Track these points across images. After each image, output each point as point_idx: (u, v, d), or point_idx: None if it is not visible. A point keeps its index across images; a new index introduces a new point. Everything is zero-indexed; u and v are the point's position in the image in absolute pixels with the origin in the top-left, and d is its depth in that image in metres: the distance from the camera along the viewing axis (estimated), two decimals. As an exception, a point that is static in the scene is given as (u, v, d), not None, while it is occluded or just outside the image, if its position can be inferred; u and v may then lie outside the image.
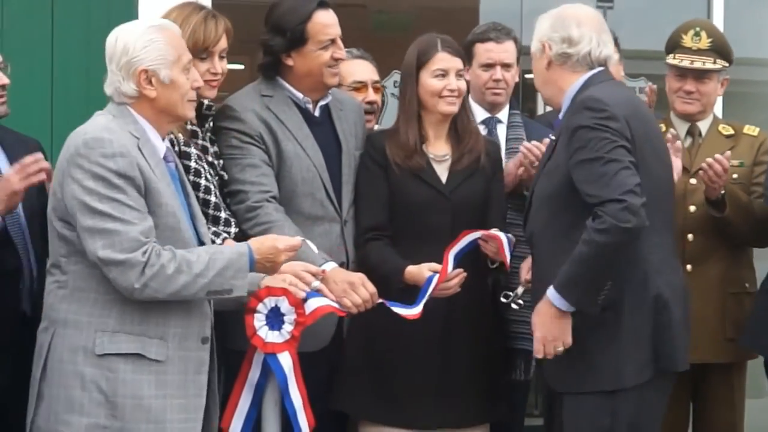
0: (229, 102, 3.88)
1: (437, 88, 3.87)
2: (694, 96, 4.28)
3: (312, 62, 3.83)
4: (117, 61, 3.21)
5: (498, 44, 4.30)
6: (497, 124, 4.37)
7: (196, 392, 3.24)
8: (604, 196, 3.26)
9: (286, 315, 3.50)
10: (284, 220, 3.70)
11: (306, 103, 3.90)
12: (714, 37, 4.29)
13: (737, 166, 4.24)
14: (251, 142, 3.77)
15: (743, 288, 4.27)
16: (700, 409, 4.32)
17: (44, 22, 4.86)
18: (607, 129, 3.35)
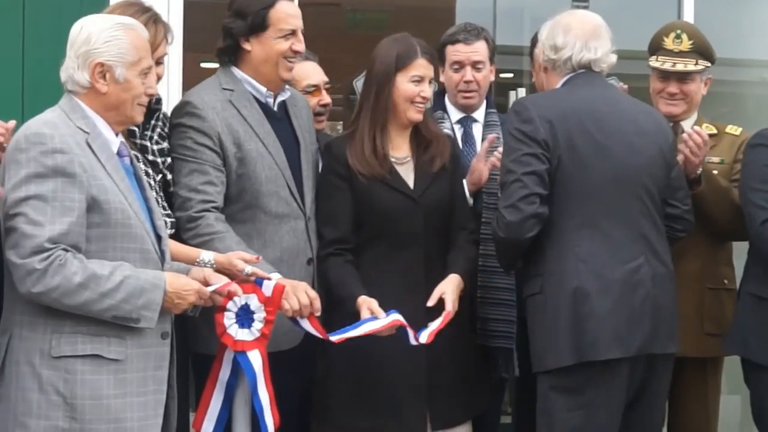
0: (189, 98, 3.75)
1: (413, 93, 3.78)
2: (677, 97, 4.26)
3: (270, 50, 3.73)
4: (77, 48, 3.14)
5: (466, 45, 4.25)
6: (473, 124, 4.30)
7: (156, 388, 3.15)
8: (499, 204, 3.60)
9: (256, 313, 3.44)
10: (226, 231, 3.61)
11: (267, 98, 3.80)
12: (695, 39, 4.26)
13: (717, 163, 4.20)
14: (206, 144, 3.65)
15: (722, 284, 4.23)
16: (674, 403, 4.25)
17: (15, 16, 4.79)
18: (520, 135, 3.57)
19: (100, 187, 3.06)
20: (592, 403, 3.55)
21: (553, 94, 3.72)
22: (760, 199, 3.91)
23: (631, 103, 3.80)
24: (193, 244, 3.57)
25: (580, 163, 3.57)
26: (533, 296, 3.64)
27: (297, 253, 3.74)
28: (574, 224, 3.56)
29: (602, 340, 3.54)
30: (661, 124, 3.79)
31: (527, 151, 3.55)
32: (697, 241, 4.12)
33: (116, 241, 3.08)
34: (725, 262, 4.28)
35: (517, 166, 3.55)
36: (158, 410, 3.16)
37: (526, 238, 3.54)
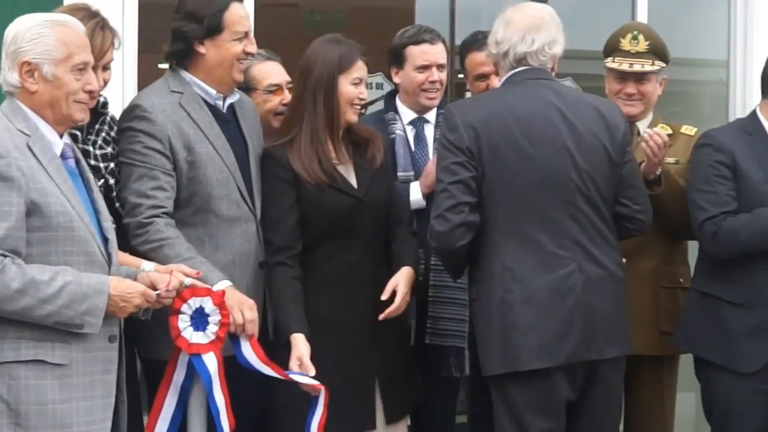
0: (137, 101, 3.70)
1: (353, 95, 3.76)
2: (635, 98, 4.27)
3: (225, 52, 3.70)
4: (6, 48, 3.12)
5: (433, 45, 4.24)
6: (425, 124, 4.29)
7: (105, 392, 3.11)
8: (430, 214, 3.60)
9: (211, 316, 3.41)
10: (176, 237, 3.56)
11: (216, 100, 3.76)
12: (651, 40, 4.28)
13: (673, 164, 4.21)
14: (156, 147, 3.60)
15: (678, 283, 4.24)
16: (631, 400, 4.27)
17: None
18: (446, 142, 3.58)
19: (40, 190, 3.01)
20: (528, 411, 3.55)
21: (480, 98, 3.74)
22: (701, 199, 3.96)
23: (572, 102, 3.70)
24: (143, 250, 3.52)
25: (505, 170, 3.54)
26: (473, 302, 3.69)
27: (249, 256, 3.71)
28: (500, 232, 3.55)
29: (526, 351, 3.52)
30: (607, 122, 3.69)
31: (453, 159, 3.55)
32: (653, 240, 4.14)
33: (59, 244, 3.04)
34: (681, 261, 4.31)
35: (445, 175, 3.56)
36: (107, 414, 3.12)
37: (457, 246, 3.55)
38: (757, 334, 3.89)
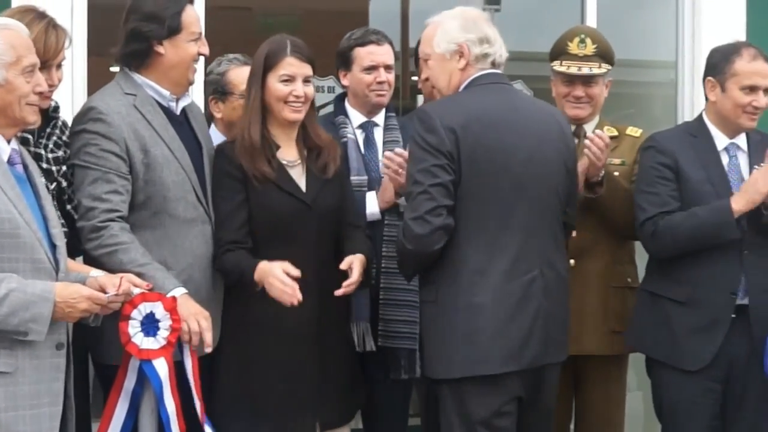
0: (92, 103, 3.67)
1: (283, 93, 3.73)
2: (583, 100, 4.30)
3: (183, 53, 3.70)
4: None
5: (379, 47, 4.25)
6: (374, 128, 4.29)
7: (51, 400, 3.09)
8: (405, 215, 3.54)
9: (162, 321, 3.39)
10: (130, 242, 3.54)
11: (170, 102, 3.74)
12: (598, 43, 4.31)
13: (619, 165, 4.25)
14: (112, 150, 3.57)
15: (625, 283, 4.28)
16: (581, 401, 4.31)
17: None
18: (425, 144, 3.51)
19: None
20: (483, 414, 3.53)
21: (456, 100, 3.64)
22: (643, 200, 4.03)
23: (533, 108, 3.74)
24: (96, 254, 3.50)
25: (480, 175, 3.51)
26: (427, 303, 3.62)
27: (207, 258, 3.70)
28: (469, 236, 3.51)
29: (494, 355, 3.51)
30: (563, 129, 3.73)
31: (434, 162, 3.49)
32: (600, 241, 4.19)
33: (4, 251, 3.01)
34: (628, 261, 4.34)
35: (425, 177, 3.49)
36: (54, 423, 3.10)
37: (434, 249, 3.49)
38: (701, 332, 3.96)
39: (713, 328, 3.94)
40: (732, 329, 3.94)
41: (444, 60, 3.66)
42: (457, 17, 3.69)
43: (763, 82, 3.99)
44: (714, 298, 3.94)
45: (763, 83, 3.99)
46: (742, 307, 3.96)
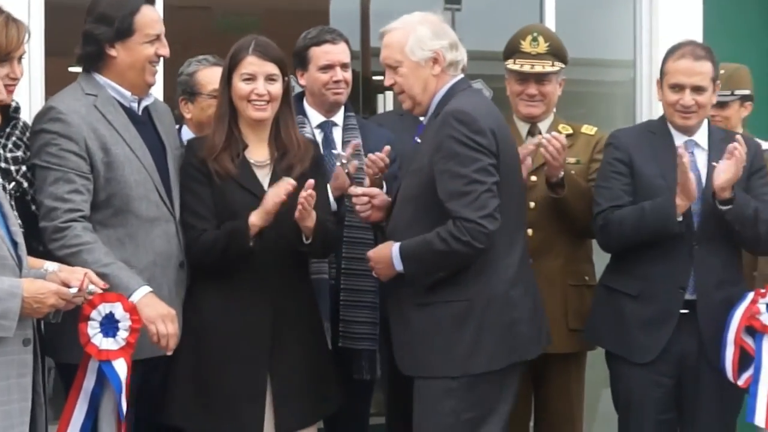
0: (52, 103, 3.68)
1: (245, 92, 3.75)
2: (536, 98, 4.35)
3: (137, 55, 3.70)
4: None
5: (335, 45, 4.25)
6: (333, 128, 4.30)
7: (21, 396, 3.11)
8: (465, 215, 3.52)
9: (121, 321, 3.41)
10: (94, 242, 3.55)
11: (132, 102, 3.76)
12: (551, 41, 4.36)
13: (574, 164, 4.30)
14: (72, 150, 3.58)
15: (583, 281, 4.34)
16: (541, 398, 4.36)
17: None
18: (476, 145, 3.55)
19: None
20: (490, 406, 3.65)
21: (480, 102, 3.74)
22: (599, 195, 4.12)
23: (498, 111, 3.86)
24: (60, 254, 3.50)
25: (507, 175, 3.66)
26: (452, 303, 3.63)
27: (170, 257, 3.72)
28: (501, 233, 3.61)
29: (530, 341, 3.72)
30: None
31: (488, 161, 3.57)
32: (558, 240, 4.26)
33: None
34: (585, 259, 4.40)
35: (485, 176, 3.55)
36: (24, 418, 3.12)
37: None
38: (651, 326, 4.03)
39: (662, 323, 4.02)
40: (682, 324, 4.02)
41: (418, 67, 3.71)
42: (424, 23, 3.73)
43: (687, 81, 4.03)
44: (664, 292, 4.02)
45: (687, 81, 4.03)
46: (693, 303, 4.03)
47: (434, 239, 3.56)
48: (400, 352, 3.74)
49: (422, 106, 3.75)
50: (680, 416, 4.14)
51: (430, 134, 3.66)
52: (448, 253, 3.55)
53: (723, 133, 4.18)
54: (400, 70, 3.72)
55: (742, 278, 4.15)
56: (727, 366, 3.98)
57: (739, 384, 3.99)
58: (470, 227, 3.52)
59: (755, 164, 4.11)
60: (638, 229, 4.00)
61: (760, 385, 3.96)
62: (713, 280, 4.03)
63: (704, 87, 4.03)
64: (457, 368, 3.62)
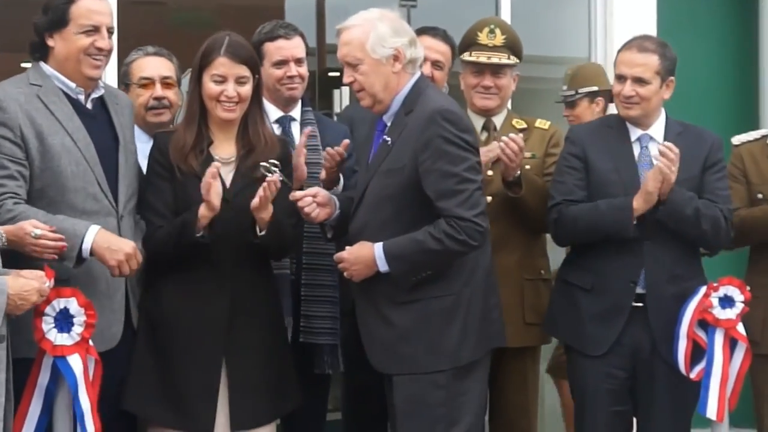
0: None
1: (214, 92, 3.75)
2: (492, 91, 4.37)
3: (71, 45, 3.70)
4: None
5: (288, 41, 4.24)
6: (291, 122, 4.31)
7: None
8: (460, 214, 3.58)
9: (76, 317, 3.41)
10: (27, 209, 3.54)
11: (78, 94, 3.76)
12: (507, 34, 4.39)
13: (529, 158, 4.34)
14: (6, 136, 3.58)
15: (539, 275, 4.39)
16: (496, 391, 4.38)
17: None
18: (465, 144, 3.62)
19: None
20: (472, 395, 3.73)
21: (451, 100, 3.79)
22: (553, 189, 4.19)
23: None
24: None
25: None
26: (437, 299, 3.68)
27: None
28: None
29: (501, 327, 3.85)
30: None
31: (476, 159, 3.66)
32: (514, 235, 4.30)
33: None
34: (541, 254, 4.46)
35: (474, 175, 3.64)
36: (1, 415, 3.14)
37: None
38: (603, 319, 4.10)
39: (614, 316, 4.08)
40: (634, 318, 4.08)
41: (380, 65, 3.71)
42: (384, 20, 3.74)
43: (628, 71, 4.10)
44: (615, 286, 4.09)
45: (628, 72, 4.10)
46: (645, 297, 4.09)
47: (427, 239, 3.59)
48: (377, 350, 3.74)
49: (383, 104, 3.75)
50: (636, 409, 4.21)
51: (409, 132, 3.67)
52: (442, 253, 3.60)
53: (680, 127, 4.24)
54: (361, 68, 3.71)
55: (699, 273, 4.21)
56: (680, 359, 4.05)
57: (692, 377, 4.06)
58: (466, 226, 3.58)
59: (711, 158, 4.18)
60: (592, 229, 4.07)
61: (712, 378, 4.04)
62: (664, 274, 4.10)
63: (646, 79, 4.10)
64: (447, 362, 3.68)
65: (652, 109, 4.16)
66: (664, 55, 4.13)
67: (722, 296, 4.07)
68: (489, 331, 3.79)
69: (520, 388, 4.39)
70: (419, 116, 3.65)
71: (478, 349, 3.74)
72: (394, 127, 3.73)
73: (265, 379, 3.78)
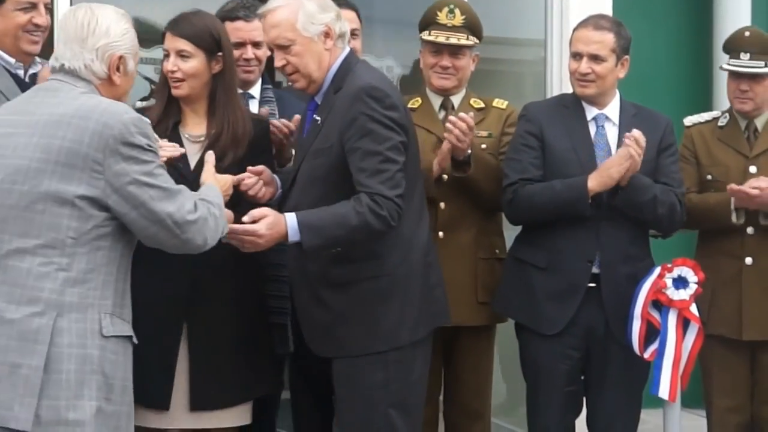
0: None
1: (164, 68, 3.80)
2: (450, 71, 4.41)
3: (9, 22, 3.79)
4: None
5: (247, 23, 4.28)
6: (250, 100, 4.33)
7: None
8: (383, 192, 3.55)
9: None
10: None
11: (17, 69, 3.84)
12: (467, 14, 4.43)
13: (486, 137, 4.39)
14: None
15: (494, 254, 4.43)
16: (450, 371, 4.45)
17: None
18: (389, 122, 3.59)
19: None
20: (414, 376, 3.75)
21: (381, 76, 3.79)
22: (508, 168, 4.24)
23: None
24: None
25: (413, 149, 3.75)
26: (371, 279, 3.68)
27: None
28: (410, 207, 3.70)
29: (445, 306, 3.87)
30: None
31: (399, 139, 3.62)
32: (468, 214, 4.34)
33: None
34: (496, 233, 4.50)
35: (397, 155, 3.60)
36: None
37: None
38: (558, 298, 4.17)
39: (569, 295, 4.15)
40: (589, 298, 4.15)
41: (312, 43, 3.67)
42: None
43: (584, 48, 4.18)
44: (571, 265, 4.15)
45: (584, 49, 4.18)
46: (598, 277, 4.17)
47: (349, 212, 3.54)
48: (315, 334, 3.75)
49: (317, 84, 3.72)
50: (587, 388, 4.29)
51: (336, 111, 3.65)
52: (360, 228, 3.55)
53: (634, 109, 4.32)
54: (294, 49, 3.66)
55: (648, 254, 4.30)
56: (634, 339, 4.13)
57: (645, 357, 4.14)
58: (387, 204, 3.56)
59: (665, 141, 4.27)
60: (548, 208, 4.13)
61: (665, 358, 4.12)
62: (619, 255, 4.17)
63: (601, 56, 4.17)
64: (385, 343, 3.69)
65: (608, 88, 4.24)
66: (619, 34, 4.21)
67: (676, 277, 4.14)
68: (430, 310, 3.78)
69: (474, 369, 4.44)
70: (347, 94, 3.64)
71: (418, 330, 3.75)
72: (323, 106, 3.72)
73: (231, 360, 3.79)
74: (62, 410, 2.96)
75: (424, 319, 3.77)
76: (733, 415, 4.53)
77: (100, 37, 3.14)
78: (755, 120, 4.56)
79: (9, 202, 3.03)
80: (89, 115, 3.03)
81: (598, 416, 4.26)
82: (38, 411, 2.93)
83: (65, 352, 2.98)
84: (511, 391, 5.86)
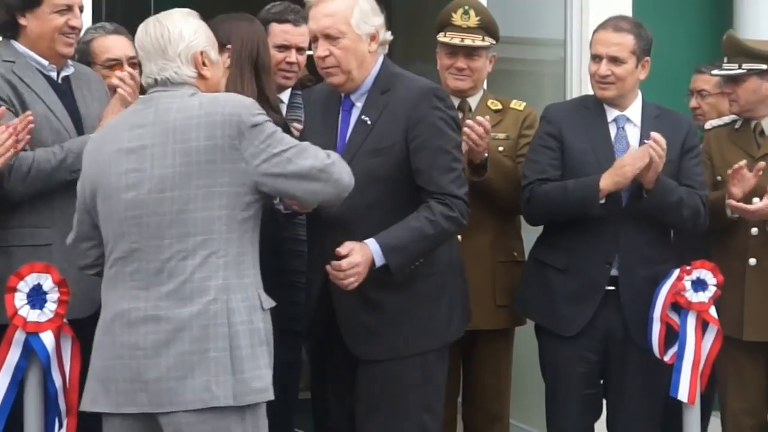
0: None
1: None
2: (465, 72, 4.44)
3: (45, 25, 3.84)
4: None
5: (296, 27, 4.32)
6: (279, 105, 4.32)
7: None
8: (452, 191, 3.65)
9: (49, 293, 3.46)
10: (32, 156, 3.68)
11: (50, 71, 3.90)
12: (482, 15, 4.45)
13: (503, 139, 4.43)
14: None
15: (512, 257, 4.47)
16: (469, 375, 4.49)
17: None
18: (454, 123, 3.71)
19: None
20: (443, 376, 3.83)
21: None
22: (527, 168, 4.28)
23: None
24: (21, 189, 3.66)
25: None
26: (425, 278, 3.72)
27: None
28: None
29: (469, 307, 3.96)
30: None
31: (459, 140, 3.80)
32: (486, 217, 4.36)
33: None
34: (514, 236, 4.54)
35: (461, 155, 3.80)
36: None
37: None
38: (577, 300, 4.20)
39: (587, 297, 4.18)
40: (608, 300, 4.18)
41: (359, 42, 3.69)
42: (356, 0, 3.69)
43: (603, 50, 4.21)
44: (590, 267, 4.19)
45: (603, 51, 4.21)
46: (617, 279, 4.19)
47: (424, 224, 3.59)
48: (361, 338, 3.71)
49: (354, 83, 3.73)
50: (606, 392, 4.32)
51: (393, 111, 3.67)
52: (437, 236, 3.63)
53: (657, 110, 4.33)
54: (342, 42, 3.66)
55: (671, 257, 4.31)
56: (654, 342, 4.15)
57: (666, 360, 4.16)
58: (458, 204, 3.65)
59: (688, 143, 4.29)
60: (561, 207, 4.16)
61: (685, 360, 4.14)
62: (638, 257, 4.20)
63: (621, 58, 4.19)
64: (438, 340, 3.76)
65: (628, 90, 4.26)
66: (639, 35, 4.23)
67: (695, 279, 4.16)
68: (467, 307, 3.91)
69: (493, 371, 4.47)
70: (404, 95, 3.69)
71: (461, 328, 3.85)
72: (370, 106, 3.72)
73: None
74: (250, 381, 3.18)
75: (465, 316, 3.89)
76: (747, 418, 4.53)
77: (177, 42, 3.27)
78: (762, 121, 4.57)
79: (163, 209, 3.19)
80: (212, 110, 3.19)
81: (618, 420, 4.29)
82: (234, 386, 3.15)
83: (240, 330, 3.19)
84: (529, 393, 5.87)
